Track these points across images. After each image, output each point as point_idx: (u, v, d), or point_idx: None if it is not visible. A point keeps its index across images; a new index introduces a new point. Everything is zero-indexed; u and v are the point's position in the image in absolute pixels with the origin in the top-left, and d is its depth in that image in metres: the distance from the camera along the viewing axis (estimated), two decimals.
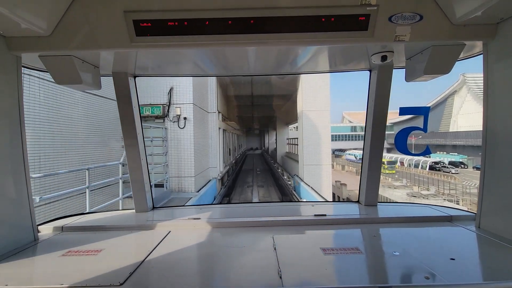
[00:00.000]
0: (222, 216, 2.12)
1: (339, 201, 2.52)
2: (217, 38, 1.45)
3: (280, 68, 2.21)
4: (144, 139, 2.19)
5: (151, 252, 1.43)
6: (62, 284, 1.15)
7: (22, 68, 1.59)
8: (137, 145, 2.05)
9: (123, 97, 2.00)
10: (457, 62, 1.62)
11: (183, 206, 2.67)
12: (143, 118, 8.59)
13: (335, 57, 1.92)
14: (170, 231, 1.74)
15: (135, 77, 2.07)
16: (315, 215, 1.92)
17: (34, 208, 1.61)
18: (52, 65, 1.58)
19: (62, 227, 1.82)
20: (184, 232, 1.77)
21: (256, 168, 29.89)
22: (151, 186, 2.25)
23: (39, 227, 1.71)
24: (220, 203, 11.99)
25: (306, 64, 2.09)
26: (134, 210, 2.19)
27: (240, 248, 1.51)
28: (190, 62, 1.98)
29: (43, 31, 1.42)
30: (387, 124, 2.13)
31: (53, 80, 1.65)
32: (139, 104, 2.12)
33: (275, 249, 1.43)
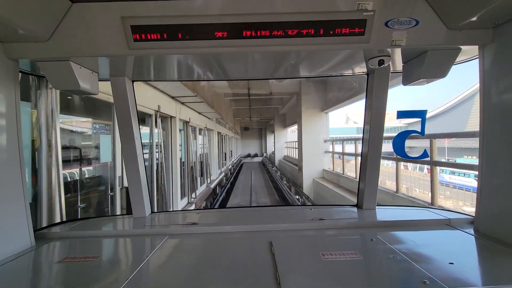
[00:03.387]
0: (220, 221, 2.12)
1: (338, 205, 2.50)
2: (215, 43, 1.46)
3: (278, 72, 2.22)
4: (142, 143, 2.19)
5: (148, 258, 1.43)
6: None
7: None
8: (134, 149, 2.06)
9: (121, 102, 2.00)
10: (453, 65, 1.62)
11: (182, 210, 2.68)
12: None
13: (333, 61, 1.92)
14: (167, 236, 1.74)
15: (133, 81, 2.09)
16: (314, 219, 1.90)
17: (30, 214, 1.62)
18: (49, 70, 1.60)
19: (59, 233, 1.82)
20: (182, 237, 1.76)
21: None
22: (149, 191, 2.25)
23: (35, 233, 1.72)
24: (218, 207, 11.71)
25: (304, 68, 2.09)
26: (132, 215, 2.19)
27: (237, 253, 1.50)
28: (188, 66, 1.98)
29: (41, 37, 1.43)
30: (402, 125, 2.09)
31: None
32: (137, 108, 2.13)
33: (273, 254, 1.42)
